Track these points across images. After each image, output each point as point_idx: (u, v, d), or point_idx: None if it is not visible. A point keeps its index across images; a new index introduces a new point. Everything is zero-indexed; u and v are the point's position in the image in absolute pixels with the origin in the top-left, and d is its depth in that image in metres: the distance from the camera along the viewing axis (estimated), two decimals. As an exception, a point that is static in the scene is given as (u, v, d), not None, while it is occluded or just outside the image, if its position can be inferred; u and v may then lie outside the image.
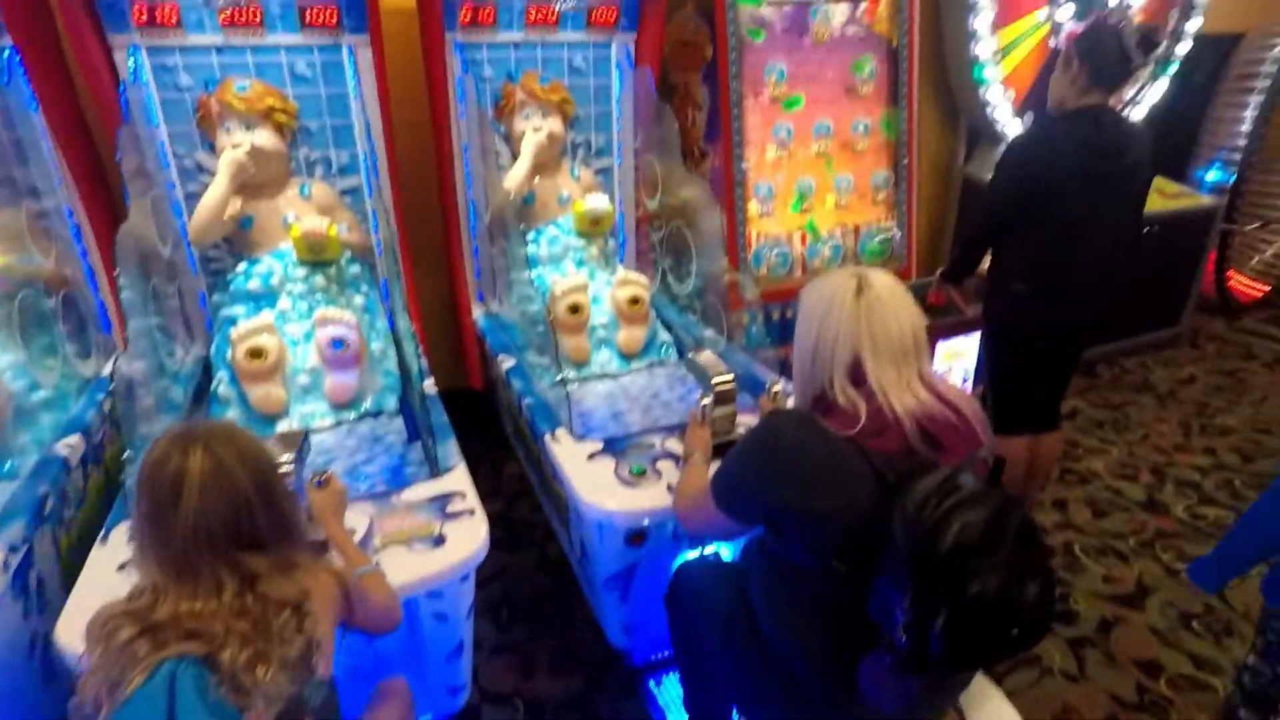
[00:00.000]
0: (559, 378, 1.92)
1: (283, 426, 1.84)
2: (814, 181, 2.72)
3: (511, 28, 2.21)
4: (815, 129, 2.69)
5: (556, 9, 2.06)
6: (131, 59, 1.86)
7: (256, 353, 1.80)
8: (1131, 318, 3.56)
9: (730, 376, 1.49)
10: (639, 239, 2.60)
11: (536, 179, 2.31)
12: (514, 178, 2.20)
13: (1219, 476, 2.67)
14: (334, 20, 2.00)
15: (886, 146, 2.82)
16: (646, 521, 1.43)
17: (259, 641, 0.87)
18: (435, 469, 1.50)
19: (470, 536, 1.31)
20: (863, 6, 2.63)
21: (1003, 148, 2.04)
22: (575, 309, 2.07)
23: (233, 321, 1.96)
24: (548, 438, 1.60)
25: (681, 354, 2.23)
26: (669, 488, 1.41)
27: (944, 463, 0.96)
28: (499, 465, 2.66)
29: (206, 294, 2.15)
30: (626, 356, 2.17)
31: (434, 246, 2.52)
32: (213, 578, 0.89)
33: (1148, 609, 2.06)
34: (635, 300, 2.14)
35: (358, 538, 1.28)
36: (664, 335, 2.24)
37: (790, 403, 1.35)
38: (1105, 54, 1.75)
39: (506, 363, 2.01)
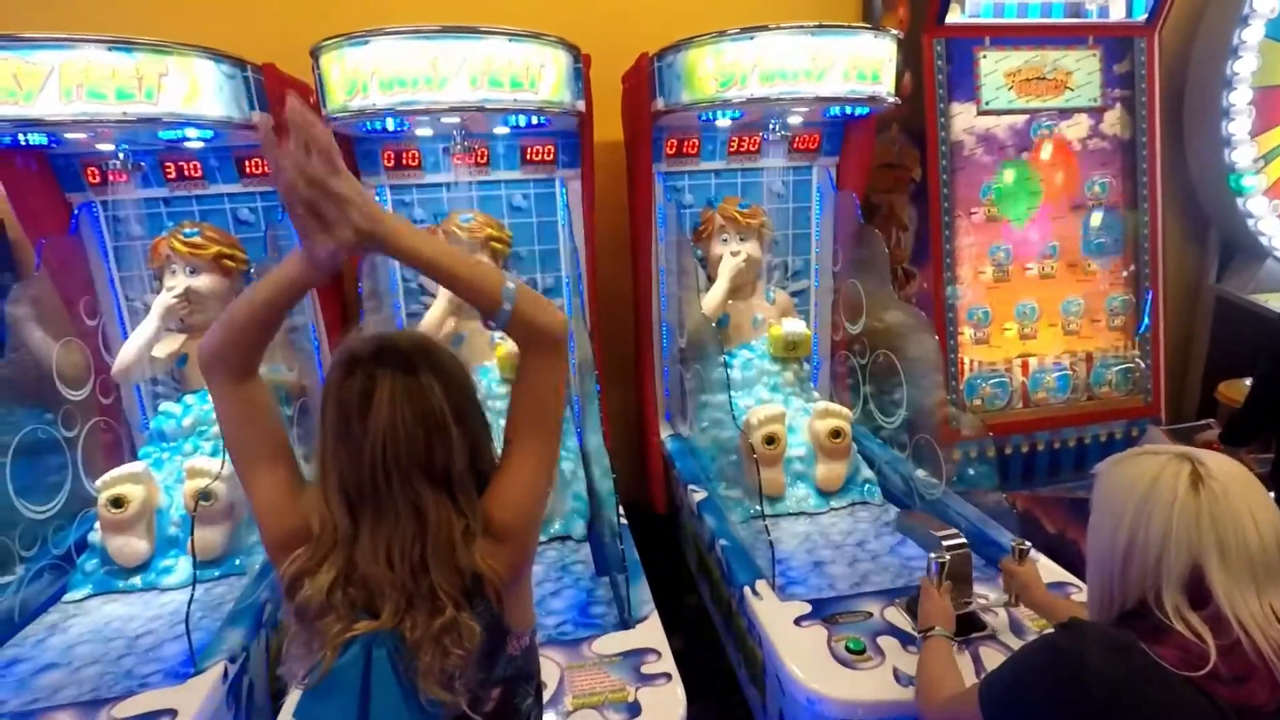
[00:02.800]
0: (756, 515, 1.78)
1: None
2: (1036, 304, 2.45)
3: (714, 158, 2.24)
4: (1037, 248, 2.44)
5: (760, 138, 2.05)
6: (377, 198, 2.07)
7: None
8: None
9: (961, 539, 1.27)
10: (835, 364, 2.44)
11: (731, 301, 2.27)
12: (710, 300, 2.17)
13: None
14: (551, 157, 2.13)
15: (1121, 265, 2.50)
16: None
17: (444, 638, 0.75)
18: (627, 617, 1.39)
19: (668, 705, 1.16)
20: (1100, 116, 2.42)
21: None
22: (771, 440, 1.94)
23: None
24: (748, 592, 1.44)
25: (888, 494, 2.00)
26: (895, 673, 1.19)
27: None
28: (678, 593, 2.50)
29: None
30: (825, 494, 1.98)
31: (625, 364, 2.53)
32: (398, 518, 0.77)
33: None
34: (837, 433, 1.96)
35: (548, 693, 1.18)
36: (867, 472, 2.03)
37: (1082, 603, 1.05)
38: None
39: (697, 494, 1.90)
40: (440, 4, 2.37)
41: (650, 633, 1.32)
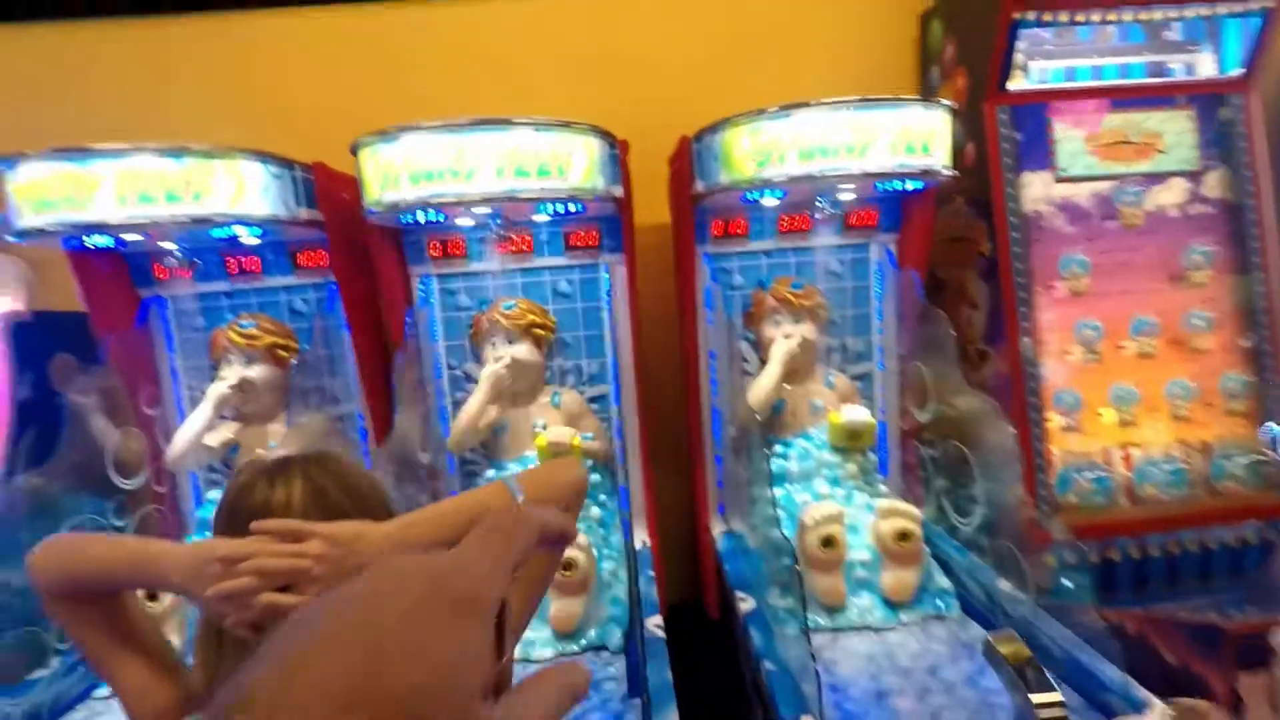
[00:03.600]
0: (811, 629, 1.58)
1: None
2: (1136, 388, 2.18)
3: (764, 237, 2.15)
4: (1133, 326, 2.19)
5: (812, 216, 1.95)
6: (422, 286, 2.09)
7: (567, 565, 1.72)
8: None
9: (1056, 697, 1.05)
10: (905, 453, 2.23)
11: (788, 387, 2.13)
12: (759, 388, 2.03)
13: None
14: (595, 242, 2.10)
15: (1231, 340, 2.21)
16: None
17: None
18: (648, 752, 1.22)
19: None
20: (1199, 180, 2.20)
21: None
22: (829, 542, 1.75)
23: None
24: (792, 730, 1.25)
25: (967, 607, 1.75)
26: None
27: None
28: (736, 715, 2.26)
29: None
30: (893, 605, 1.76)
31: (676, 453, 2.41)
32: None
33: None
34: (905, 535, 1.75)
35: None
36: (941, 580, 1.80)
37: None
38: None
39: (745, 604, 1.72)
40: (494, 95, 2.49)
41: (671, 776, 1.15)
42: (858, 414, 2.01)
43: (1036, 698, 1.06)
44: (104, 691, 1.66)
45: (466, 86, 2.48)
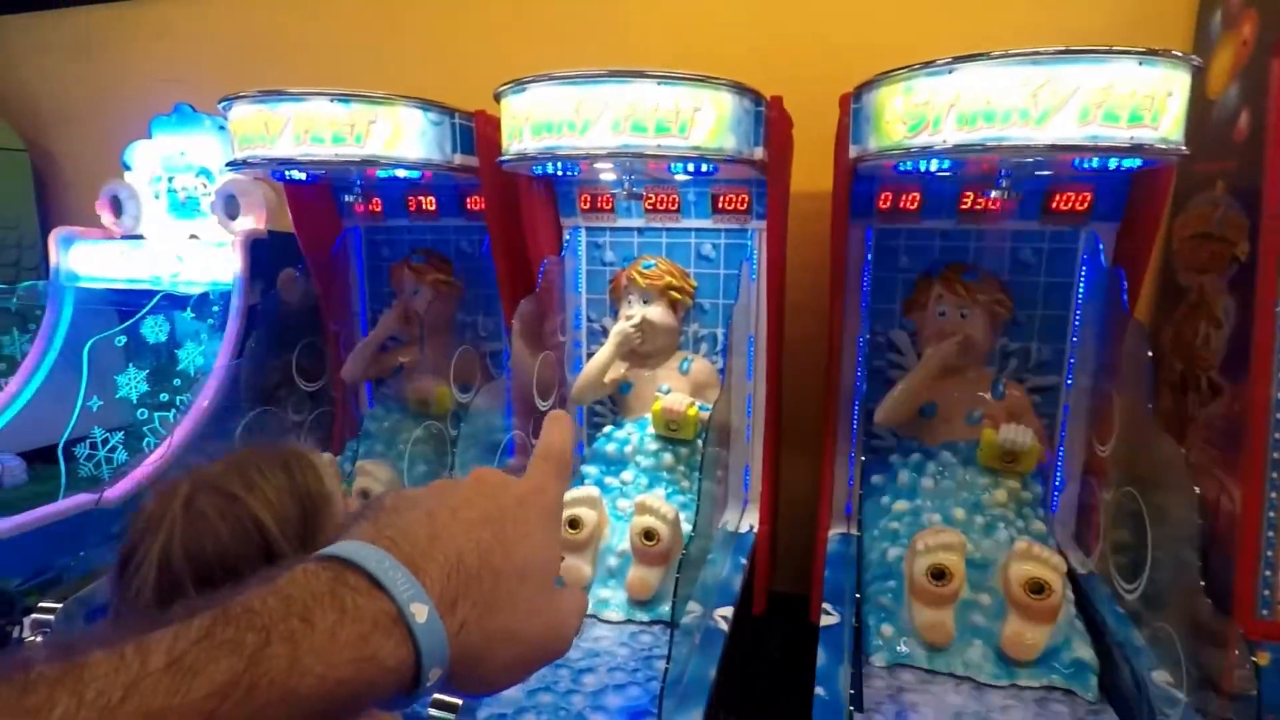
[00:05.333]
0: (897, 658, 1.41)
1: (578, 605, 1.74)
2: None
3: (939, 215, 1.86)
4: None
5: (998, 197, 1.63)
6: (570, 237, 2.13)
7: (573, 523, 1.76)
8: None
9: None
10: (1084, 492, 1.85)
11: (946, 387, 1.86)
12: (899, 392, 1.80)
13: None
14: (744, 206, 1.97)
15: None
16: None
17: None
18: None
19: None
20: None
21: None
22: (940, 574, 1.52)
23: (581, 480, 1.99)
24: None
25: (1110, 690, 1.43)
26: None
27: None
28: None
29: (584, 445, 2.27)
30: (1010, 662, 1.49)
31: (816, 438, 2.24)
32: None
33: None
34: (1039, 587, 1.47)
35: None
36: (1083, 651, 1.47)
37: None
38: None
39: (828, 618, 1.57)
40: (666, 47, 2.42)
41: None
42: (1017, 434, 1.70)
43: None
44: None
45: (639, 39, 2.45)
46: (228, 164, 1.85)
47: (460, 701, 1.18)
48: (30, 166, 3.10)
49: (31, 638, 1.23)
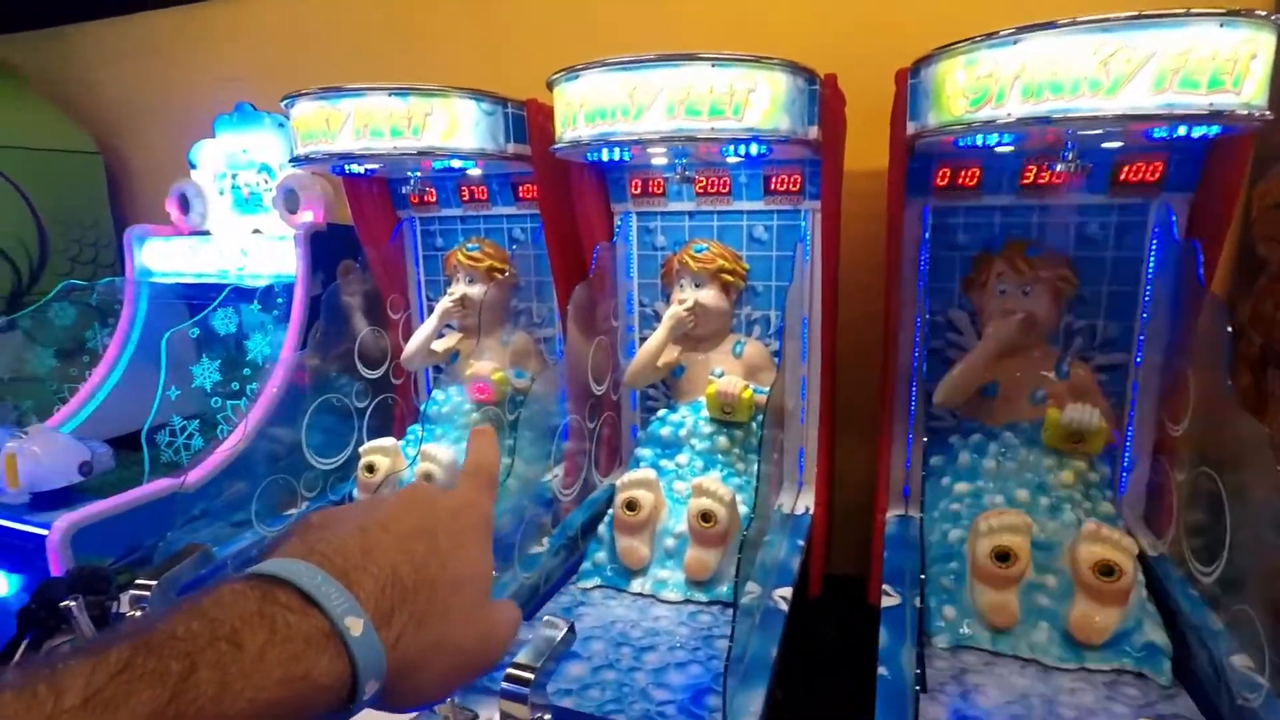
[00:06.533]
0: (957, 642, 1.40)
1: (636, 585, 1.77)
2: None
3: (999, 191, 1.81)
4: None
5: (1063, 171, 1.58)
6: (621, 222, 2.14)
7: (631, 505, 1.78)
8: None
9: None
10: (1154, 472, 1.80)
11: (1009, 366, 1.83)
12: (958, 372, 1.78)
13: None
14: (797, 187, 1.96)
15: None
16: None
17: None
18: (722, 722, 1.19)
19: None
20: None
21: None
22: (1004, 556, 1.50)
23: (637, 463, 2.02)
24: (878, 746, 1.13)
25: (1184, 675, 1.40)
26: None
27: None
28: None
29: (638, 429, 2.29)
30: (1078, 645, 1.46)
31: (871, 419, 2.22)
32: None
33: None
34: (1108, 569, 1.43)
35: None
36: (1156, 634, 1.44)
37: None
38: None
39: (889, 599, 1.56)
40: (716, 29, 2.40)
41: (733, 753, 1.11)
42: (1085, 415, 1.66)
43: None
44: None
45: (687, 20, 2.43)
46: (290, 160, 1.91)
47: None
48: (104, 168, 3.24)
49: (132, 612, 1.31)
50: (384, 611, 0.44)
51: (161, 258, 2.82)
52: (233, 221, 2.77)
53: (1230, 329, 1.38)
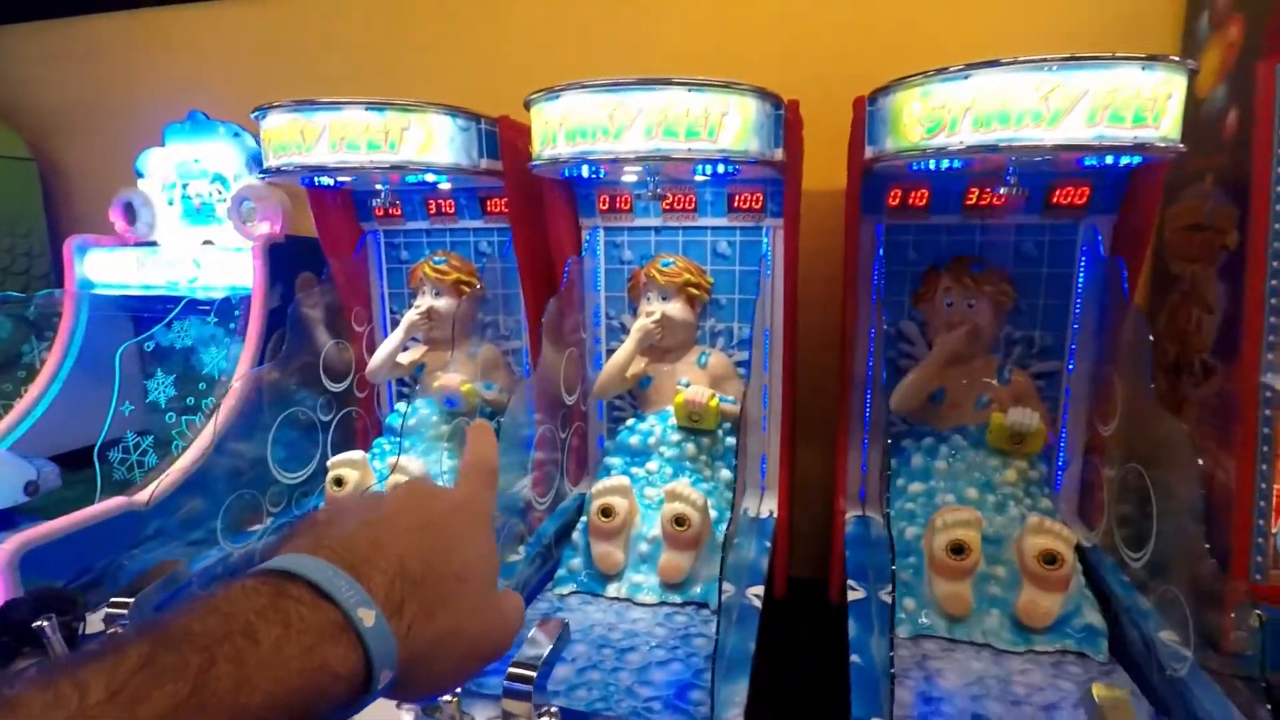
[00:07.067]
0: (919, 631, 1.50)
1: (613, 590, 1.82)
2: None
3: (947, 211, 1.96)
4: None
5: (1005, 193, 1.73)
6: (589, 237, 2.20)
7: (606, 511, 1.83)
8: None
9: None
10: (1085, 470, 1.96)
11: (954, 375, 1.96)
12: (914, 375, 1.90)
13: None
14: (759, 205, 2.06)
15: None
16: None
17: None
18: (710, 715, 1.25)
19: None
20: None
21: None
22: (959, 549, 1.61)
23: (608, 472, 2.07)
24: (855, 729, 1.21)
25: (1120, 653, 1.54)
26: None
27: None
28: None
29: (605, 439, 2.34)
30: (1025, 629, 1.59)
31: (828, 429, 2.33)
32: None
33: None
34: (1051, 558, 1.57)
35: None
36: (1093, 617, 1.58)
37: None
38: None
39: (855, 594, 1.66)
40: (676, 55, 2.50)
41: (723, 741, 1.18)
42: (1025, 417, 1.80)
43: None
44: (302, 551, 2.04)
45: (650, 46, 2.53)
46: (261, 171, 1.90)
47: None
48: (38, 175, 3.10)
49: (111, 630, 1.28)
50: (394, 603, 0.45)
51: (105, 269, 2.72)
52: (182, 232, 2.70)
53: (1151, 338, 1.53)
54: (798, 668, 1.88)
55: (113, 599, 1.33)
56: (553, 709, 1.08)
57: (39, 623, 1.29)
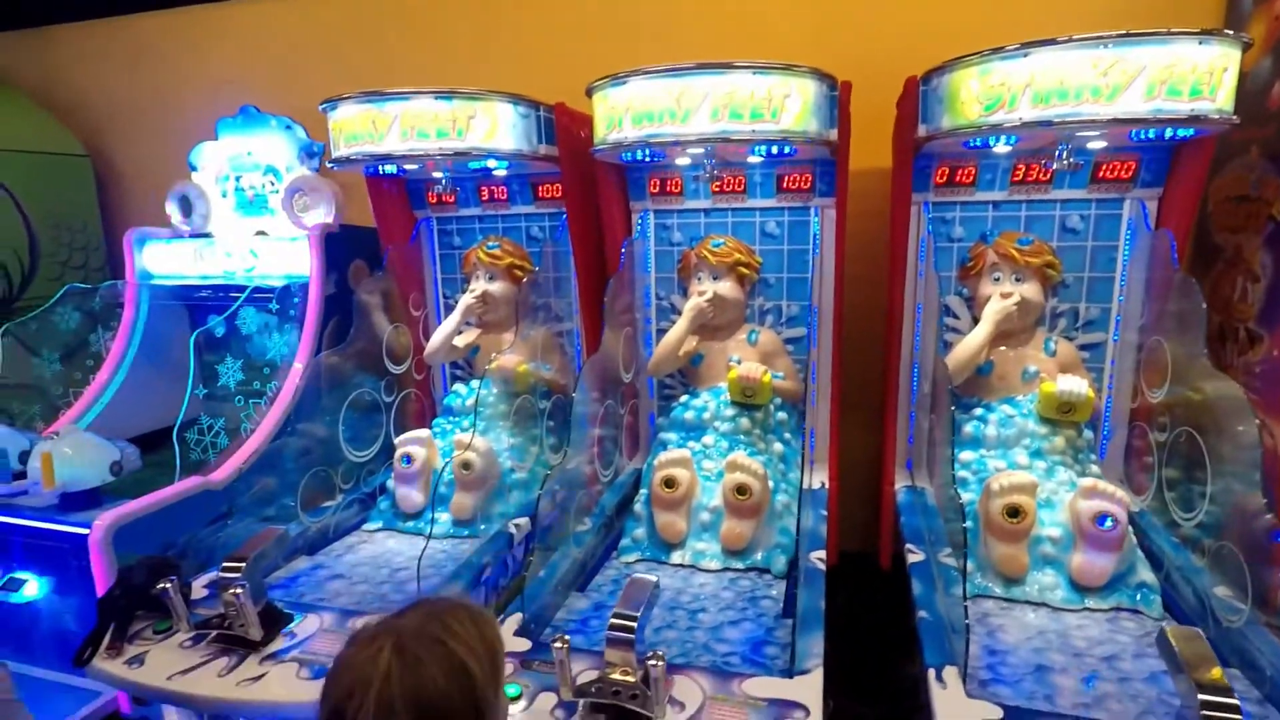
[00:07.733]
0: (977, 591, 1.57)
1: (676, 557, 1.90)
2: None
3: (993, 187, 2.00)
4: None
5: (1051, 168, 1.78)
6: (640, 220, 2.26)
7: (669, 482, 1.90)
8: None
9: (1232, 701, 0.97)
10: (1132, 436, 2.02)
11: (1003, 349, 2.02)
12: (964, 348, 1.95)
13: None
14: (808, 185, 2.11)
15: None
16: None
17: None
18: (790, 665, 1.33)
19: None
20: None
21: None
22: (1015, 512, 1.67)
23: (664, 446, 2.14)
24: (932, 676, 1.28)
25: (1173, 609, 1.60)
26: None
27: None
28: (895, 664, 2.28)
29: (656, 415, 2.41)
30: (1081, 589, 1.65)
31: (871, 404, 2.39)
32: None
33: None
34: (1104, 518, 1.62)
35: (684, 714, 1.19)
36: (1146, 574, 1.64)
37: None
38: None
39: (914, 556, 1.72)
40: (723, 37, 2.54)
41: (806, 688, 1.25)
42: (1074, 385, 1.86)
43: (1206, 696, 0.99)
44: (372, 526, 2.13)
45: (698, 30, 2.57)
46: (332, 161, 1.97)
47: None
48: (93, 171, 3.19)
49: (233, 591, 1.37)
50: None
51: (163, 260, 2.80)
52: (236, 223, 2.78)
53: (1204, 305, 1.58)
54: (855, 629, 1.96)
55: (225, 563, 1.41)
56: (660, 653, 1.16)
57: (162, 585, 1.38)
